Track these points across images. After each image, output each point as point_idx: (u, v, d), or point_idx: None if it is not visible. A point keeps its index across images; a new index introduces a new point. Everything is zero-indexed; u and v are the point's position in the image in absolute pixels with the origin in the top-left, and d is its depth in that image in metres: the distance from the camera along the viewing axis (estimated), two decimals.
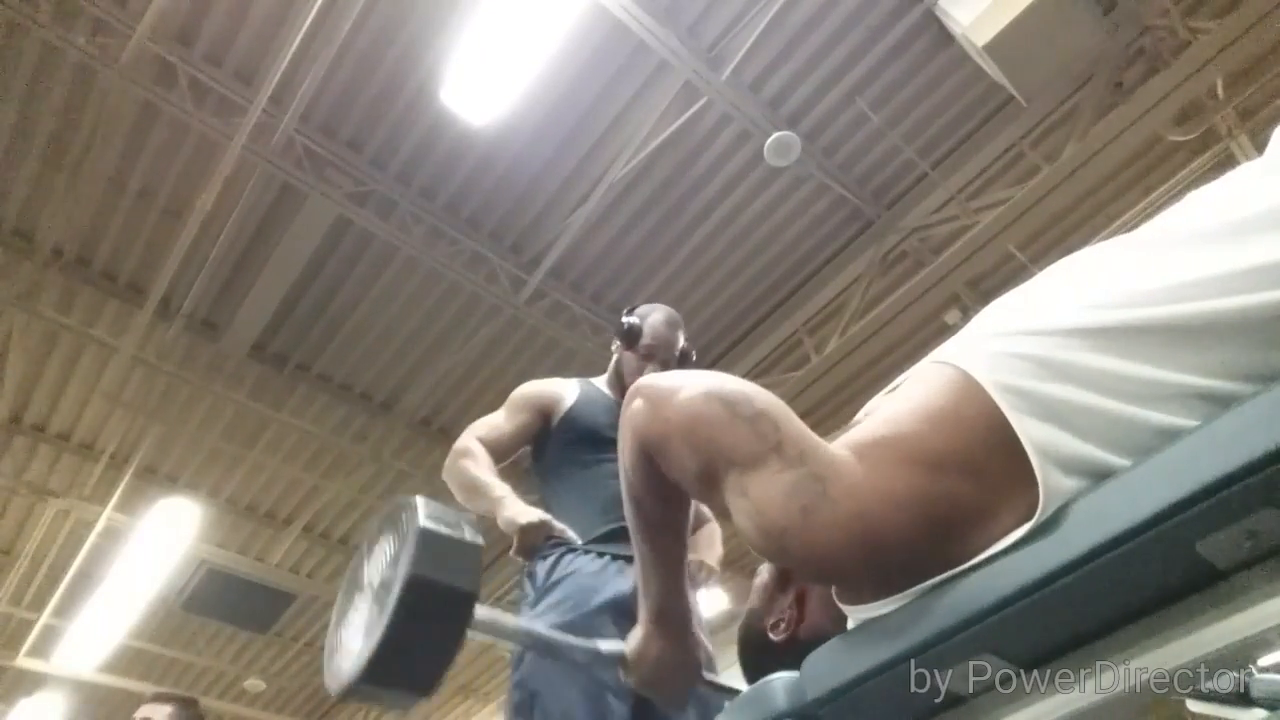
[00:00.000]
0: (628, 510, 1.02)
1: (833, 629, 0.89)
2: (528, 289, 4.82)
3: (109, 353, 5.12)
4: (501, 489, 1.81)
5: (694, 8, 3.90)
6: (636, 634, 1.07)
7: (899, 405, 0.82)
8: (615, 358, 2.11)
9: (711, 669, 1.30)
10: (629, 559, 1.73)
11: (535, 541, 1.78)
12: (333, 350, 5.30)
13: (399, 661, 0.81)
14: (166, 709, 2.60)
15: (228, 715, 8.18)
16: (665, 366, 2.02)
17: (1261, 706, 0.74)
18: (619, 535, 1.79)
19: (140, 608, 6.47)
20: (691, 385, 0.88)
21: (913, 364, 0.91)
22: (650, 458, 0.92)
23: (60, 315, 4.94)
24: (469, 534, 0.87)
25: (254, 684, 7.87)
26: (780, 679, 0.86)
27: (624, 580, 1.75)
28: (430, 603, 0.82)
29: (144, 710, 2.59)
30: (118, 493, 5.85)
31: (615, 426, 1.80)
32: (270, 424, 5.64)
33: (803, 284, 5.07)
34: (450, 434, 5.77)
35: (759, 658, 1.02)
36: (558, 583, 1.75)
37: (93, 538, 6.11)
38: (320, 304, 5.02)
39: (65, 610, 6.63)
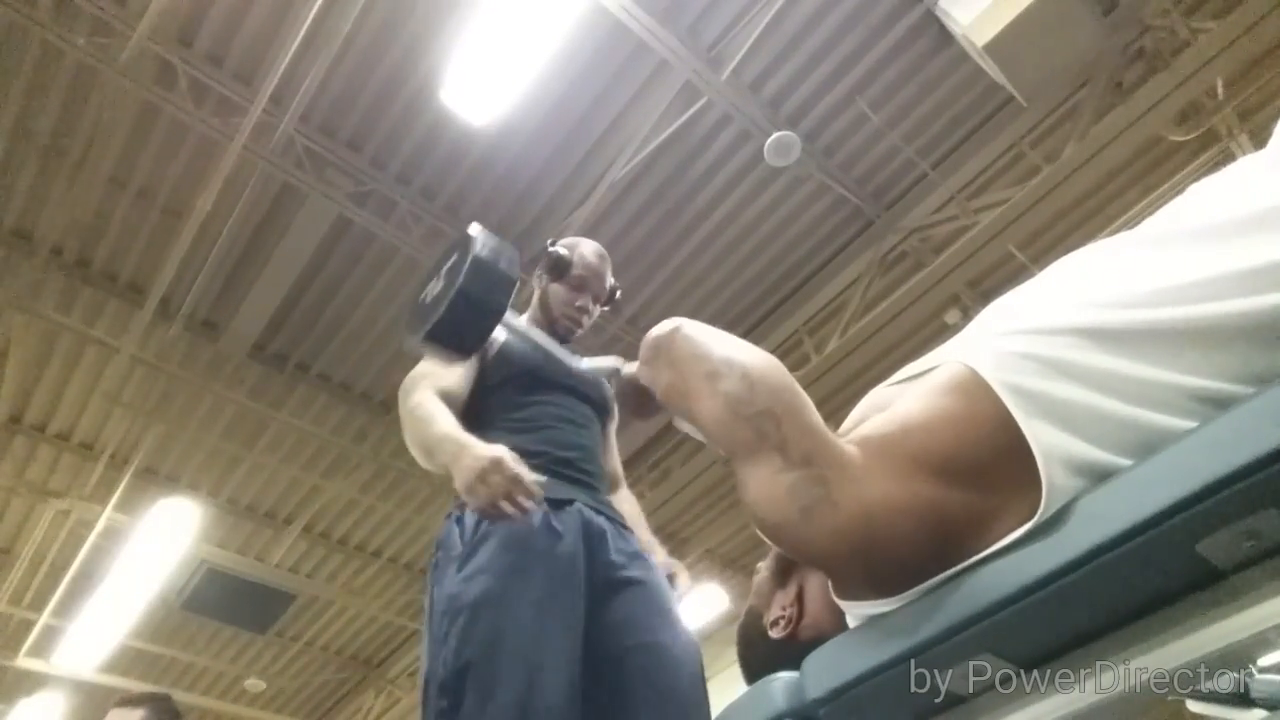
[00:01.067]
0: None
1: (833, 627, 0.89)
2: (527, 289, 4.81)
3: (109, 353, 5.11)
4: (461, 434, 1.47)
5: (694, 8, 3.90)
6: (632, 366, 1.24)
7: (907, 404, 0.82)
8: (539, 292, 1.96)
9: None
10: (567, 502, 1.59)
11: (500, 484, 1.34)
12: (333, 350, 5.30)
13: (451, 330, 1.25)
14: (138, 713, 2.37)
15: (228, 715, 8.18)
16: (596, 300, 1.92)
17: (1261, 706, 0.74)
18: (561, 475, 1.63)
19: (140, 608, 6.46)
20: (699, 367, 0.89)
21: (913, 362, 0.91)
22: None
23: (60, 315, 4.94)
24: (506, 265, 1.31)
25: (254, 684, 7.86)
26: (780, 679, 0.86)
27: (570, 537, 1.55)
28: (479, 294, 1.26)
29: (112, 716, 2.37)
30: (118, 493, 5.85)
31: (552, 366, 1.76)
32: (270, 424, 5.64)
33: (803, 284, 5.07)
34: None
35: (759, 656, 1.02)
36: (490, 534, 1.52)
37: (93, 538, 6.11)
38: (320, 304, 5.02)
39: (65, 610, 6.62)
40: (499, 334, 1.84)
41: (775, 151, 4.19)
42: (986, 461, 0.75)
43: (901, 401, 0.84)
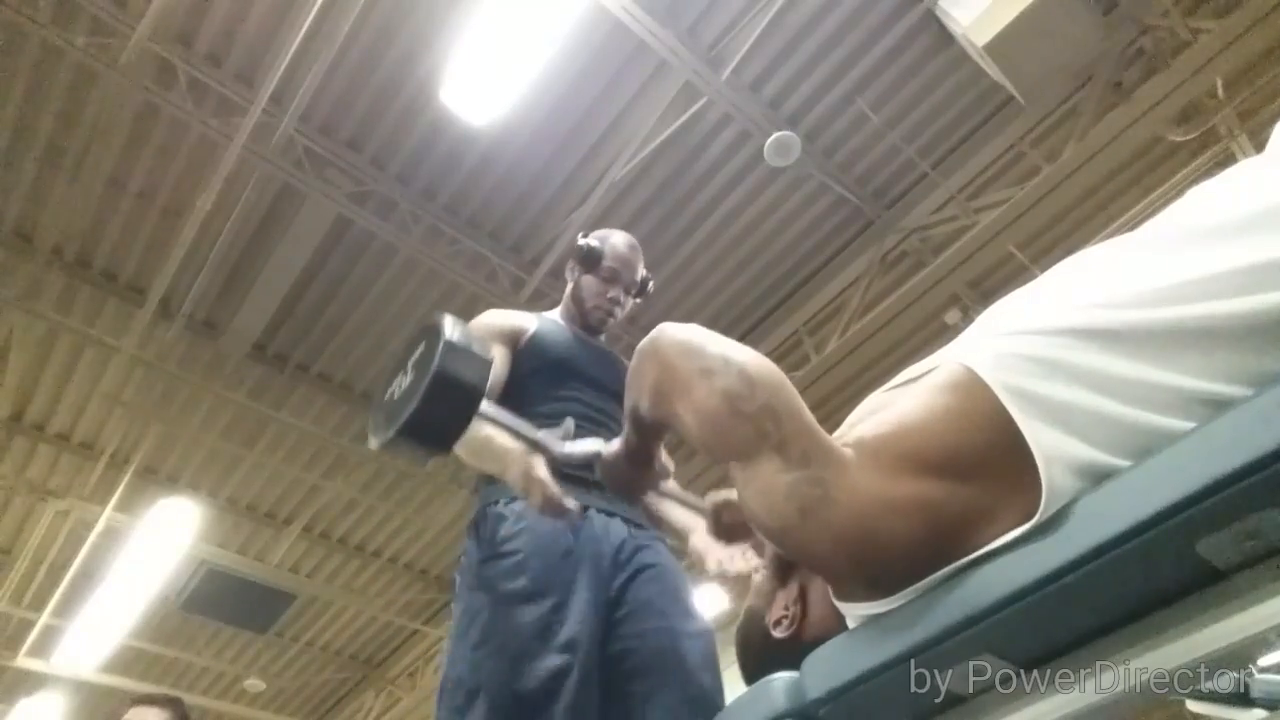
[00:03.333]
0: (626, 415, 1.14)
1: (836, 626, 0.89)
2: (528, 289, 4.82)
3: (109, 353, 5.11)
4: (499, 436, 1.50)
5: (694, 8, 3.90)
6: (613, 445, 1.25)
7: (906, 404, 0.82)
8: (571, 285, 1.94)
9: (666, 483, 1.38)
10: (581, 509, 1.58)
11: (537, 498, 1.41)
12: (333, 350, 5.30)
13: (427, 423, 1.16)
14: (159, 714, 2.44)
15: (228, 715, 8.17)
16: (627, 291, 1.91)
17: (1261, 706, 0.75)
18: (576, 479, 1.61)
19: (140, 608, 6.46)
20: (696, 364, 0.88)
21: (913, 364, 0.91)
22: (658, 418, 0.98)
23: (60, 315, 4.94)
24: (479, 350, 1.22)
25: (254, 684, 7.86)
26: (780, 679, 0.86)
27: (586, 542, 1.58)
28: (450, 392, 1.16)
29: (133, 715, 2.42)
30: (118, 493, 5.85)
31: (581, 359, 1.75)
32: (270, 424, 5.64)
33: (803, 284, 5.07)
34: None
35: (760, 656, 1.01)
36: (516, 534, 1.55)
37: (93, 538, 6.11)
38: (320, 304, 5.02)
39: (65, 610, 6.62)
40: (530, 323, 1.85)
41: (775, 151, 4.19)
42: (984, 460, 0.74)
43: (898, 403, 0.84)
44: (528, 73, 3.83)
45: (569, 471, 1.63)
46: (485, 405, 1.23)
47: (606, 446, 1.28)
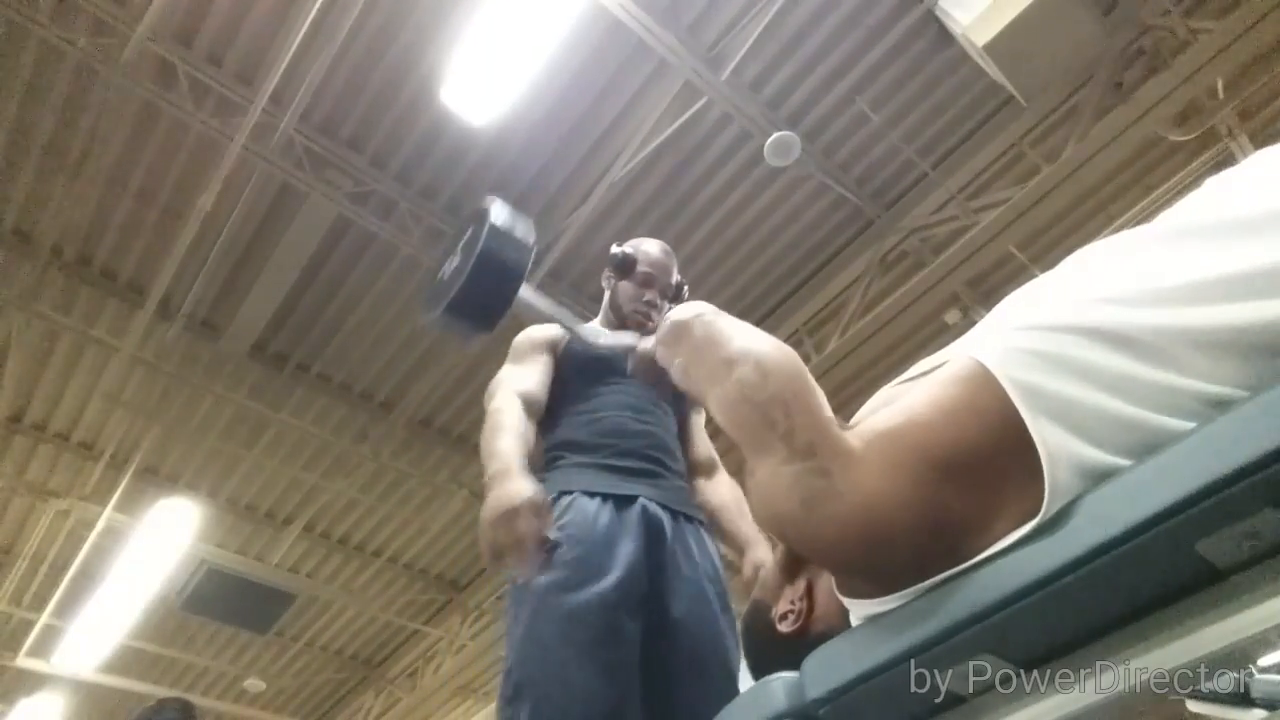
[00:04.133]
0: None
1: (842, 623, 0.89)
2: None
3: (109, 353, 5.12)
4: (509, 456, 1.50)
5: (694, 8, 3.90)
6: (647, 340, 1.25)
7: (915, 397, 0.82)
8: (609, 293, 1.99)
9: None
10: (630, 499, 1.65)
11: (505, 538, 1.34)
12: (333, 350, 5.30)
13: (472, 301, 1.24)
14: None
15: (228, 715, 8.18)
16: (663, 295, 1.94)
17: (1261, 706, 0.75)
18: (623, 470, 1.70)
19: (140, 608, 6.46)
20: (715, 352, 0.93)
21: (912, 364, 0.91)
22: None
23: (60, 315, 4.94)
24: (522, 232, 1.31)
25: (254, 684, 7.86)
26: (780, 679, 0.86)
27: (632, 535, 1.60)
28: (496, 264, 1.24)
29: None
30: (118, 493, 5.85)
31: (613, 355, 1.75)
32: (270, 424, 5.64)
33: (803, 284, 5.07)
34: (450, 434, 5.79)
35: (767, 650, 1.01)
36: (558, 532, 1.57)
37: (93, 538, 6.11)
38: (320, 304, 5.02)
39: (65, 610, 6.62)
40: (564, 333, 1.90)
41: (775, 151, 4.18)
42: (990, 457, 0.74)
43: (908, 396, 0.83)
44: (528, 72, 3.83)
45: (621, 462, 1.70)
46: (525, 289, 1.28)
47: (641, 341, 1.30)
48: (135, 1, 3.79)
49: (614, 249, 1.96)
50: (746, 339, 0.92)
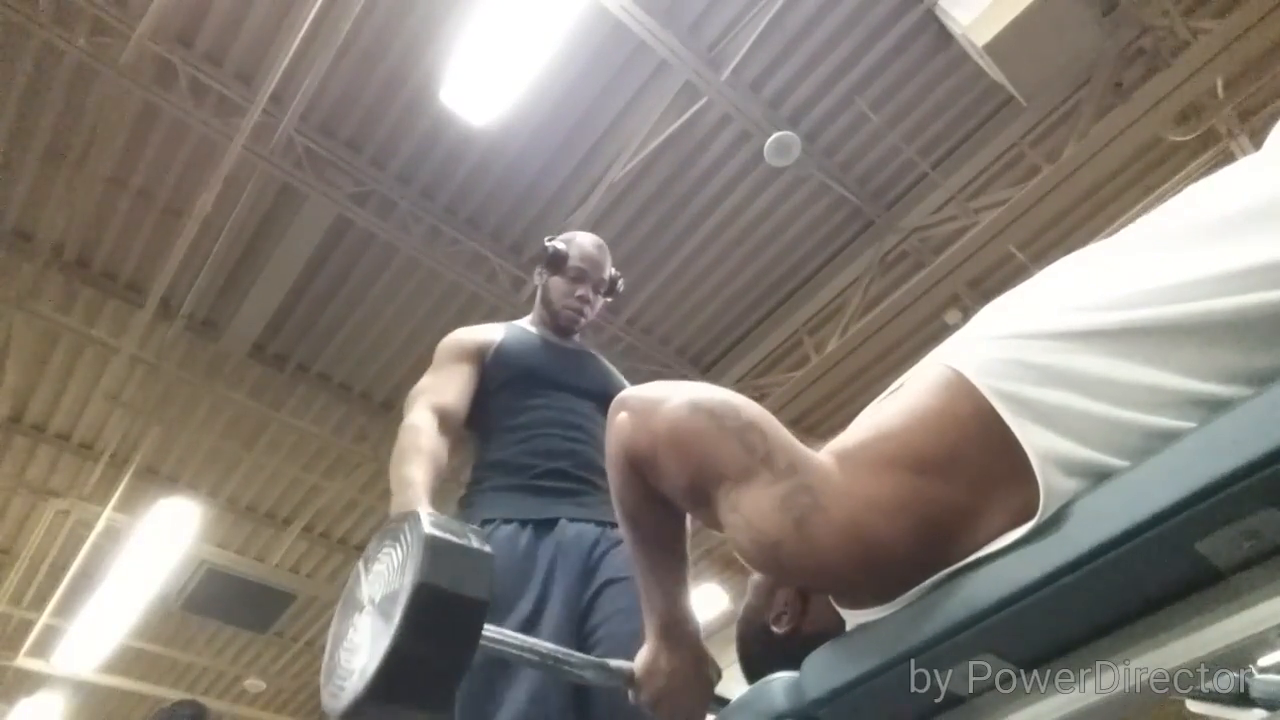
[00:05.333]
0: (624, 528, 1.00)
1: (835, 622, 0.89)
2: (528, 289, 4.82)
3: (109, 353, 5.11)
4: (418, 487, 1.48)
5: (694, 8, 3.90)
6: (646, 650, 1.05)
7: (889, 408, 0.82)
8: (540, 288, 1.94)
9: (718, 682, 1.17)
10: (551, 522, 1.61)
11: None
12: (333, 350, 5.30)
13: (408, 676, 0.77)
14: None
15: (228, 715, 8.18)
16: (596, 290, 1.91)
17: (1261, 706, 0.75)
18: (548, 491, 1.66)
19: (140, 608, 6.46)
20: (677, 396, 0.88)
21: (912, 364, 0.91)
22: (640, 472, 0.91)
23: (60, 315, 4.94)
24: (476, 541, 0.86)
25: (254, 684, 7.87)
26: (780, 679, 0.86)
27: (550, 558, 1.55)
28: (440, 612, 0.79)
29: None
30: (118, 493, 5.85)
31: (550, 365, 1.74)
32: (270, 424, 5.64)
33: (803, 284, 5.07)
34: None
35: (761, 653, 1.01)
36: None
37: (93, 538, 6.11)
38: (320, 304, 5.02)
39: (65, 610, 6.62)
40: (497, 335, 1.84)
41: (775, 151, 4.19)
42: (972, 460, 0.74)
43: (883, 408, 0.84)
44: (528, 73, 3.83)
45: (545, 482, 1.65)
46: (490, 629, 0.89)
47: (639, 655, 1.05)
48: (135, 1, 3.79)
49: (546, 242, 1.93)
50: (691, 388, 0.90)
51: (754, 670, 1.01)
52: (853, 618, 0.85)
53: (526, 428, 1.74)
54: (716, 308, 5.15)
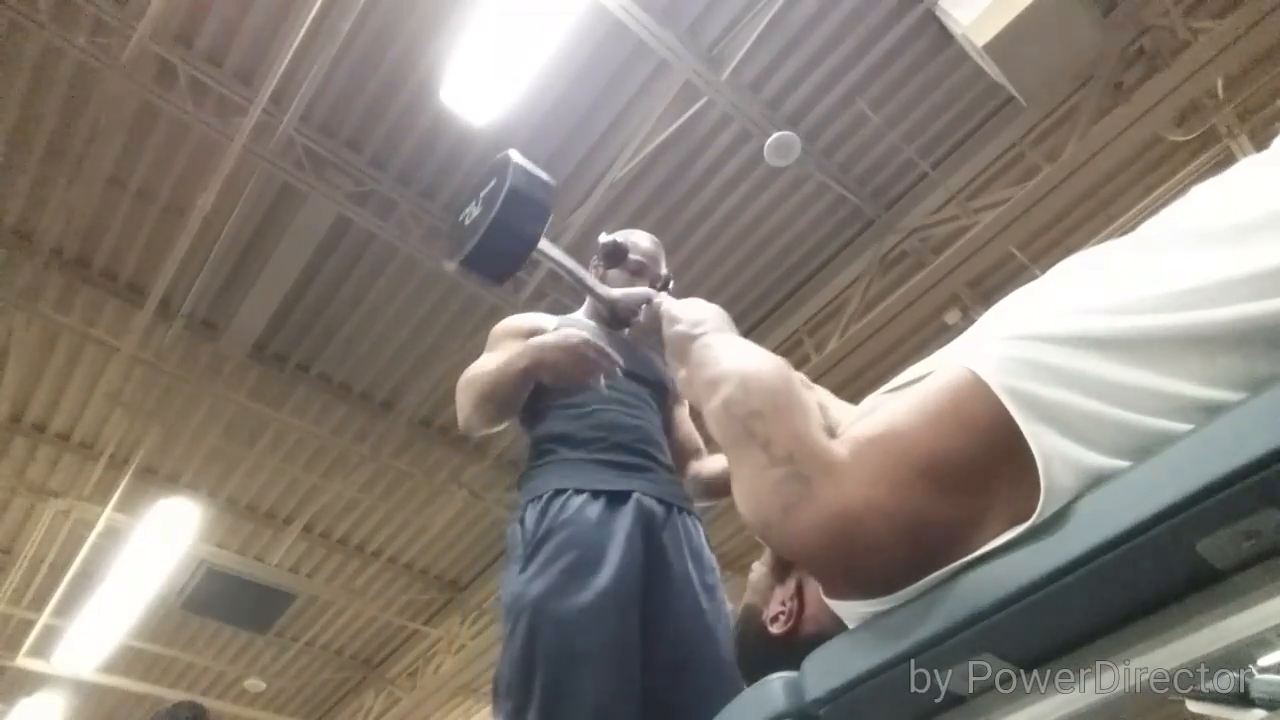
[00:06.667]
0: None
1: (834, 623, 0.89)
2: (528, 289, 4.83)
3: (109, 353, 5.12)
4: (525, 348, 1.64)
5: (694, 8, 3.90)
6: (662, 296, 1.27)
7: (904, 406, 0.82)
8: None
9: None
10: (625, 494, 1.62)
11: (580, 350, 1.57)
12: (333, 350, 5.30)
13: (493, 250, 1.28)
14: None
15: (228, 715, 8.18)
16: (653, 285, 1.92)
17: (1261, 706, 0.74)
18: (618, 465, 1.67)
19: (140, 608, 6.46)
20: (711, 369, 0.97)
21: (913, 364, 0.91)
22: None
23: (60, 315, 4.94)
24: (547, 177, 1.34)
25: (254, 684, 7.87)
26: (779, 679, 0.86)
27: (627, 532, 1.56)
28: (522, 203, 1.29)
29: None
30: (118, 493, 5.85)
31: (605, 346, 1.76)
32: (270, 424, 5.64)
33: (803, 284, 5.07)
34: (450, 434, 5.79)
35: (759, 653, 1.01)
36: (550, 534, 1.54)
37: (93, 538, 6.11)
38: (320, 304, 5.02)
39: (65, 610, 6.62)
40: (550, 321, 1.90)
41: (775, 151, 4.19)
42: (977, 463, 0.74)
43: (896, 404, 0.84)
44: (528, 73, 3.83)
45: (613, 456, 1.70)
46: (543, 243, 1.31)
47: (658, 295, 1.30)
48: (135, 1, 3.79)
49: (604, 237, 1.95)
50: (733, 358, 0.96)
51: (752, 671, 1.01)
52: (843, 609, 0.85)
53: (590, 402, 1.75)
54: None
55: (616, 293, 1.45)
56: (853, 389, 5.17)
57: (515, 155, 1.34)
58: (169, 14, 3.80)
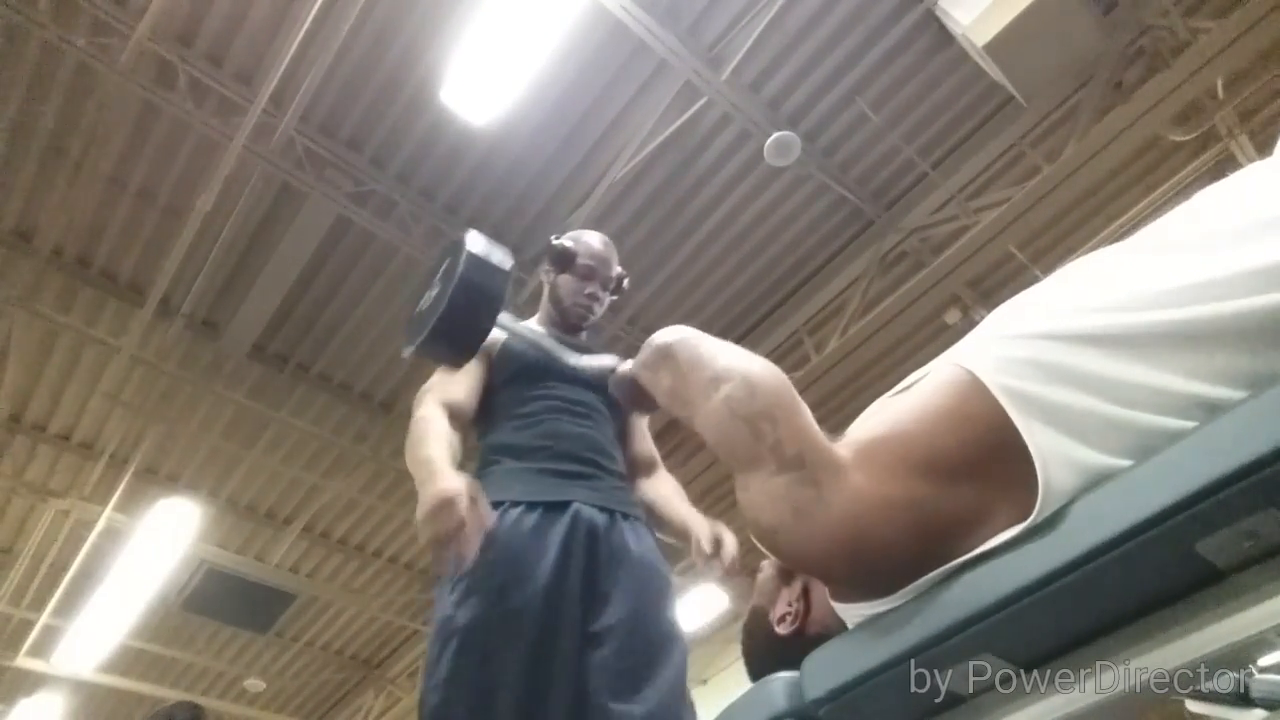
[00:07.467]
0: None
1: (839, 624, 0.89)
2: (527, 289, 4.82)
3: (109, 353, 5.11)
4: (438, 461, 1.50)
5: (694, 8, 3.90)
6: (627, 364, 1.25)
7: (904, 406, 0.83)
8: (548, 286, 1.95)
9: None
10: (563, 505, 1.61)
11: (445, 525, 1.36)
12: (333, 350, 5.30)
13: (456, 321, 1.25)
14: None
15: (228, 715, 8.17)
16: (604, 287, 1.92)
17: (1261, 707, 0.74)
18: (560, 473, 1.67)
19: (140, 608, 6.46)
20: (706, 370, 0.92)
21: (913, 364, 0.92)
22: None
23: (60, 315, 4.94)
24: (501, 257, 1.31)
25: (254, 684, 7.87)
26: (780, 679, 0.86)
27: (563, 543, 1.56)
28: (476, 286, 1.27)
29: None
30: (118, 493, 5.85)
31: (557, 357, 1.73)
32: (270, 424, 5.64)
33: (803, 284, 5.07)
34: None
35: (765, 653, 1.02)
36: (481, 552, 1.46)
37: (93, 538, 6.10)
38: (320, 304, 5.02)
39: (65, 610, 6.62)
40: (499, 335, 1.84)
41: (775, 151, 4.19)
42: (980, 462, 0.75)
43: (897, 406, 0.84)
44: (528, 72, 3.83)
45: (556, 464, 1.67)
46: (504, 316, 1.32)
47: (621, 364, 1.29)
48: (135, 1, 3.79)
49: (553, 240, 1.93)
50: (731, 358, 0.93)
51: (758, 670, 1.01)
52: (845, 611, 0.85)
53: (534, 414, 1.75)
54: (716, 308, 5.15)
55: (583, 363, 1.51)
56: (853, 389, 5.17)
57: (470, 239, 1.30)
58: (169, 14, 3.80)
